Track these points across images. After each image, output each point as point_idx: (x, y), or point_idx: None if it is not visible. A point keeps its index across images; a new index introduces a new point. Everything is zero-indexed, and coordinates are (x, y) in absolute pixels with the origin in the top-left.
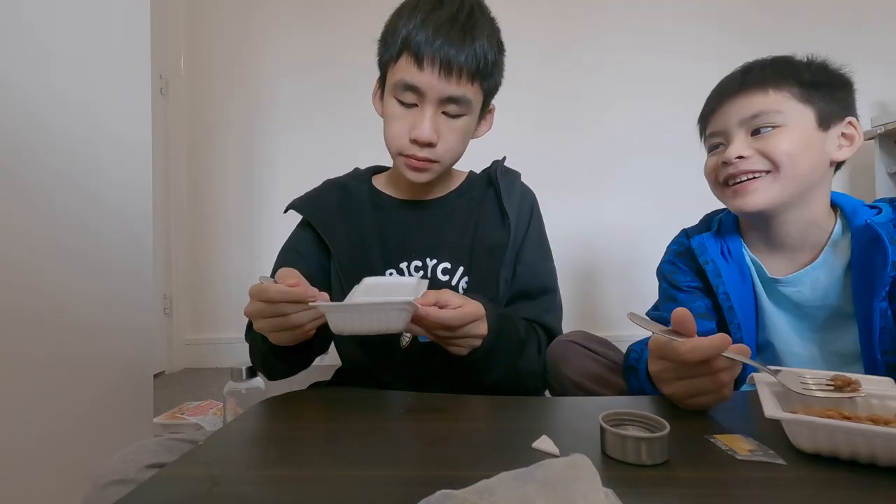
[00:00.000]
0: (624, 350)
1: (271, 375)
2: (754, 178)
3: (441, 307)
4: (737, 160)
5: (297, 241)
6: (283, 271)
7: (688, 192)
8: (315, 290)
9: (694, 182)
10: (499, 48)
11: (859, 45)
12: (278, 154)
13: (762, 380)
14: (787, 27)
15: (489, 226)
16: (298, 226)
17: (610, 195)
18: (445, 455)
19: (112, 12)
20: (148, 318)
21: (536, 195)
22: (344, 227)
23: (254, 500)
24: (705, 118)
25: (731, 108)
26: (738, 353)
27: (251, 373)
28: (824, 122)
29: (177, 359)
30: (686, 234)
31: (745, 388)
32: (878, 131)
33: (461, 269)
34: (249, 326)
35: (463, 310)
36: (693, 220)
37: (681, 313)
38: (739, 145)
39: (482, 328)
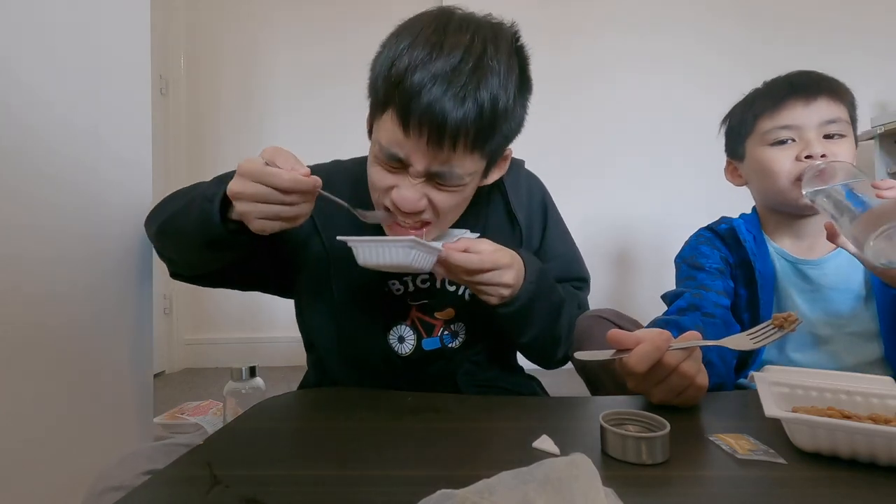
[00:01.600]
0: None
1: (177, 264)
2: None
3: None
4: (821, 158)
5: None
6: (278, 152)
7: (689, 189)
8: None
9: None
10: (519, 88)
11: (859, 44)
12: None
13: (762, 379)
14: (789, 25)
15: (498, 232)
16: None
17: (639, 182)
18: (445, 455)
19: (112, 12)
20: (148, 318)
21: (556, 185)
22: (347, 222)
23: (255, 500)
24: (771, 109)
25: (811, 107)
26: (687, 339)
27: (251, 373)
28: (855, 140)
29: (177, 359)
30: (709, 227)
31: (741, 380)
32: (878, 131)
33: None
34: (159, 208)
35: (487, 255)
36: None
37: (612, 336)
38: (820, 145)
39: (506, 276)
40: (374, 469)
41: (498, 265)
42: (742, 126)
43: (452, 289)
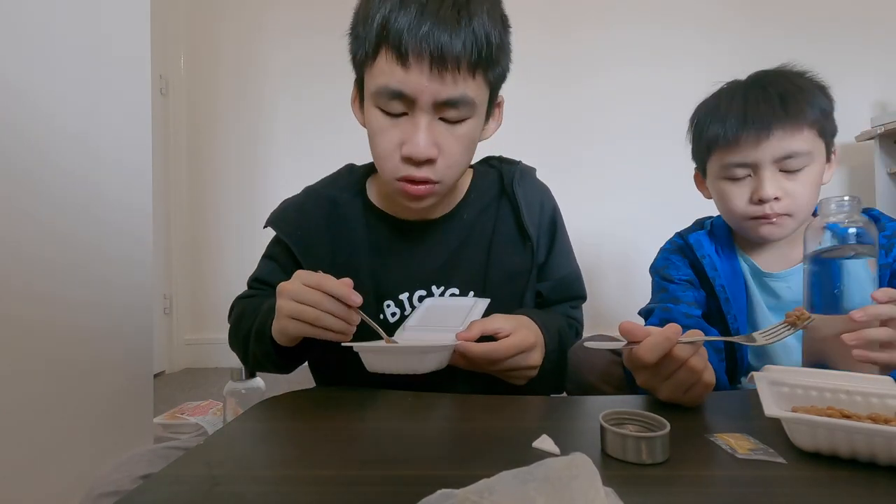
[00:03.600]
0: None
1: (254, 369)
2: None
3: (488, 334)
4: (774, 200)
5: (275, 253)
6: (345, 280)
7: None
8: (359, 297)
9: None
10: (503, 23)
11: (859, 44)
12: (278, 153)
13: (762, 378)
14: (787, 24)
15: (507, 247)
16: (274, 240)
17: (611, 193)
18: (445, 455)
19: (112, 12)
20: (148, 318)
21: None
22: (328, 251)
23: (254, 500)
24: (723, 143)
25: (767, 142)
26: (693, 336)
27: (251, 373)
28: (829, 155)
29: (177, 359)
30: (680, 235)
31: (746, 385)
32: (878, 131)
33: (471, 293)
34: (233, 329)
35: (509, 341)
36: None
37: (624, 327)
38: (774, 184)
39: (534, 358)
40: (375, 469)
41: (521, 348)
42: (699, 150)
43: (457, 292)
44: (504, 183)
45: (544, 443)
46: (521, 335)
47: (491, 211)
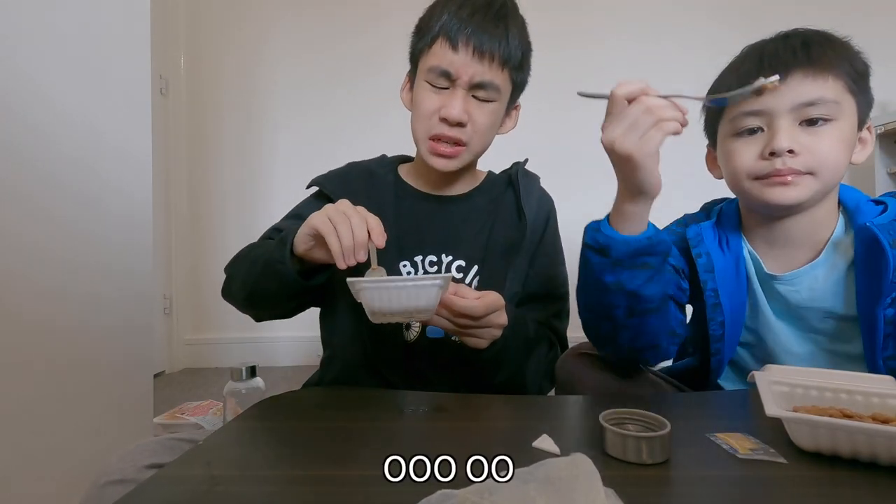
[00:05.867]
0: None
1: (259, 305)
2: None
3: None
4: (788, 154)
5: (307, 211)
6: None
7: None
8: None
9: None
10: (527, 45)
11: (860, 45)
12: (278, 153)
13: (763, 378)
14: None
15: (505, 225)
16: (313, 196)
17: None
18: (445, 455)
19: (112, 12)
20: (148, 318)
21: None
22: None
23: (254, 500)
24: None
25: (784, 86)
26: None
27: (251, 373)
28: (861, 123)
29: (177, 359)
30: (683, 222)
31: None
32: (878, 131)
33: (475, 268)
34: (240, 255)
35: (486, 299)
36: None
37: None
38: (790, 136)
39: (503, 318)
40: (375, 469)
41: (495, 306)
42: (711, 113)
43: (459, 276)
44: (511, 177)
45: (544, 443)
46: (492, 296)
47: (498, 198)
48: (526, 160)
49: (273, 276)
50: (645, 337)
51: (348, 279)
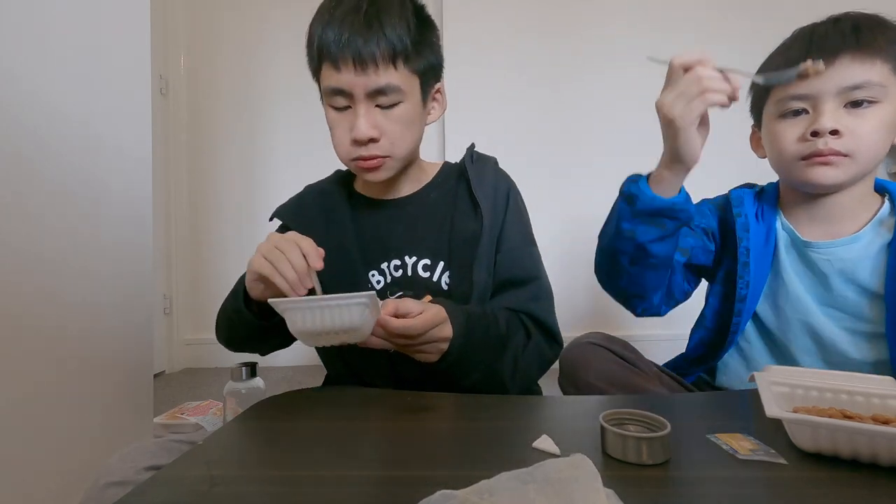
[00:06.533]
0: (647, 356)
1: (243, 349)
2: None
3: (400, 316)
4: (830, 135)
5: None
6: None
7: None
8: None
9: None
10: (420, 25)
11: None
12: (278, 153)
13: (763, 379)
14: (785, 28)
15: (464, 217)
16: (279, 230)
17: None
18: (445, 455)
19: (112, 12)
20: (148, 318)
21: (545, 187)
22: (325, 232)
23: (253, 500)
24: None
25: (832, 69)
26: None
27: (251, 373)
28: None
29: (177, 359)
30: (728, 192)
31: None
32: None
33: (441, 264)
34: (219, 326)
35: (426, 315)
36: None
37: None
38: (834, 118)
39: (446, 331)
40: (374, 469)
41: (436, 321)
42: (758, 93)
43: (427, 275)
44: (461, 166)
45: (544, 443)
46: (432, 311)
47: (453, 190)
48: (472, 144)
49: (240, 325)
50: (637, 287)
51: (269, 300)
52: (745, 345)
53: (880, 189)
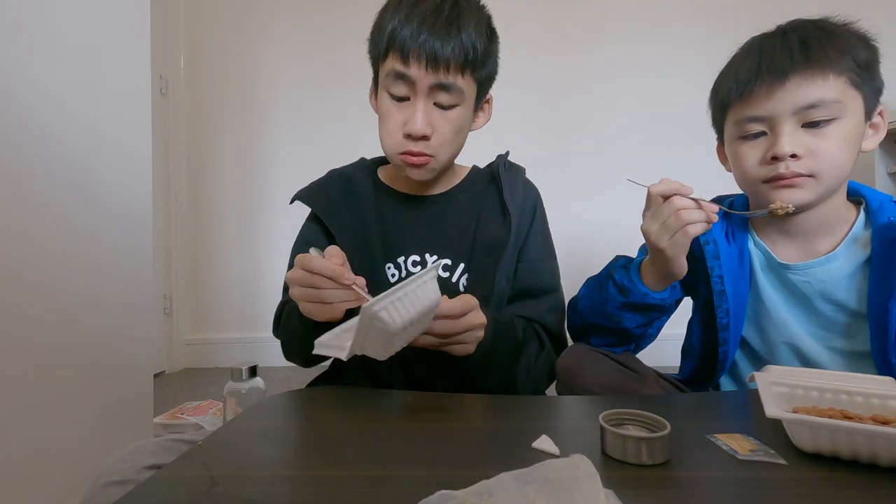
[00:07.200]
0: (644, 360)
1: (298, 358)
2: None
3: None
4: (791, 158)
5: (308, 234)
6: (331, 249)
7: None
8: (353, 276)
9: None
10: (489, 36)
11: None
12: (278, 153)
13: (763, 379)
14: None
15: (490, 222)
16: (307, 219)
17: (616, 192)
18: (445, 455)
19: (112, 12)
20: (148, 318)
21: (546, 186)
22: (348, 218)
23: (253, 501)
24: (737, 96)
25: (783, 91)
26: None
27: (251, 373)
28: (868, 113)
29: (177, 359)
30: None
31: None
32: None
33: (461, 265)
34: (277, 319)
35: (459, 298)
36: None
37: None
38: (792, 139)
39: (480, 317)
40: (374, 469)
41: (472, 305)
42: (716, 112)
43: (446, 275)
44: (493, 172)
45: (544, 443)
46: (464, 297)
47: (481, 194)
48: (507, 153)
49: (298, 343)
50: (611, 346)
51: (361, 313)
52: (735, 368)
53: (855, 194)
